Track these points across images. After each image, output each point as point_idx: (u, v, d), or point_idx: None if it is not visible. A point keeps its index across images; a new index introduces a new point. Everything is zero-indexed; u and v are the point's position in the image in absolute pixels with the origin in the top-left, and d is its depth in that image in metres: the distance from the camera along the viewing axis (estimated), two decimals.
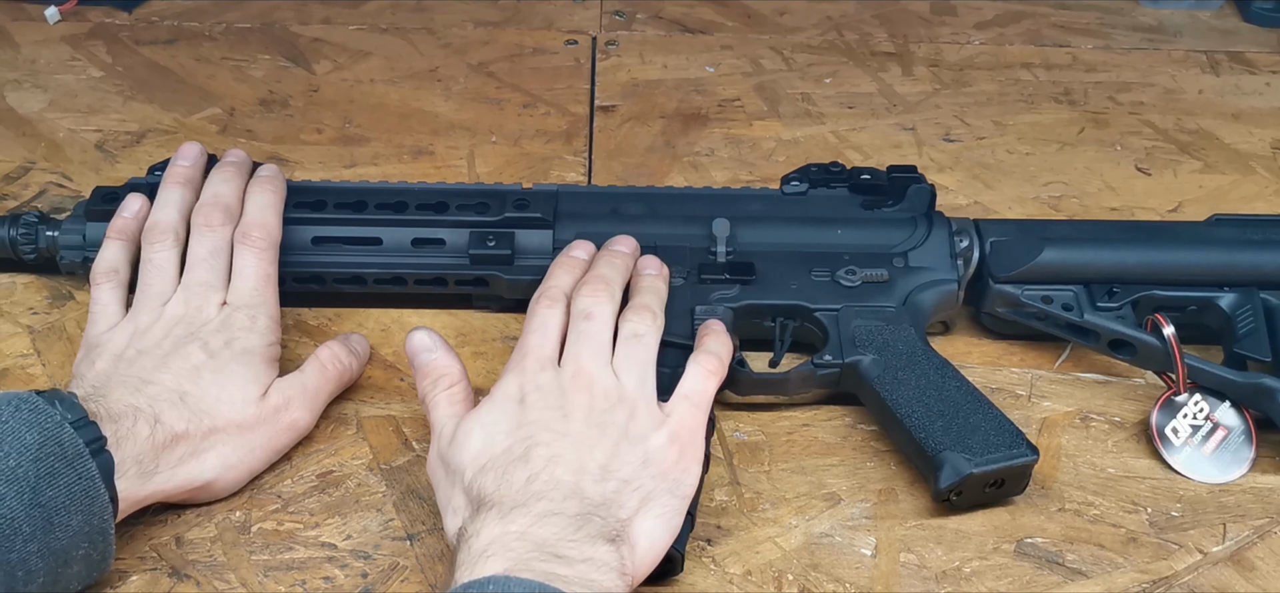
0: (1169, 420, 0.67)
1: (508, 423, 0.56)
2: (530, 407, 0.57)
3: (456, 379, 0.60)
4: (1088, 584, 0.60)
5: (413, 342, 0.62)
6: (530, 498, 0.52)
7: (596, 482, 0.54)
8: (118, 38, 1.06)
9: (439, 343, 0.62)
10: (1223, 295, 0.71)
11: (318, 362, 0.66)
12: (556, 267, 0.66)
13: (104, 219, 0.72)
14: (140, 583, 0.58)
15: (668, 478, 0.56)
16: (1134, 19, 1.15)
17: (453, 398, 0.59)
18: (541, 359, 0.59)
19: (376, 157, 0.92)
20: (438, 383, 0.60)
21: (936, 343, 0.73)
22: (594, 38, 1.09)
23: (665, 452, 0.57)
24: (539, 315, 0.61)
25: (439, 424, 0.59)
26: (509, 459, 0.54)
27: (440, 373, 0.60)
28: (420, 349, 0.61)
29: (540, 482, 0.53)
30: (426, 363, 0.61)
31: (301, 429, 0.64)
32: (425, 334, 0.62)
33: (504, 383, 0.58)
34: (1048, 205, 0.88)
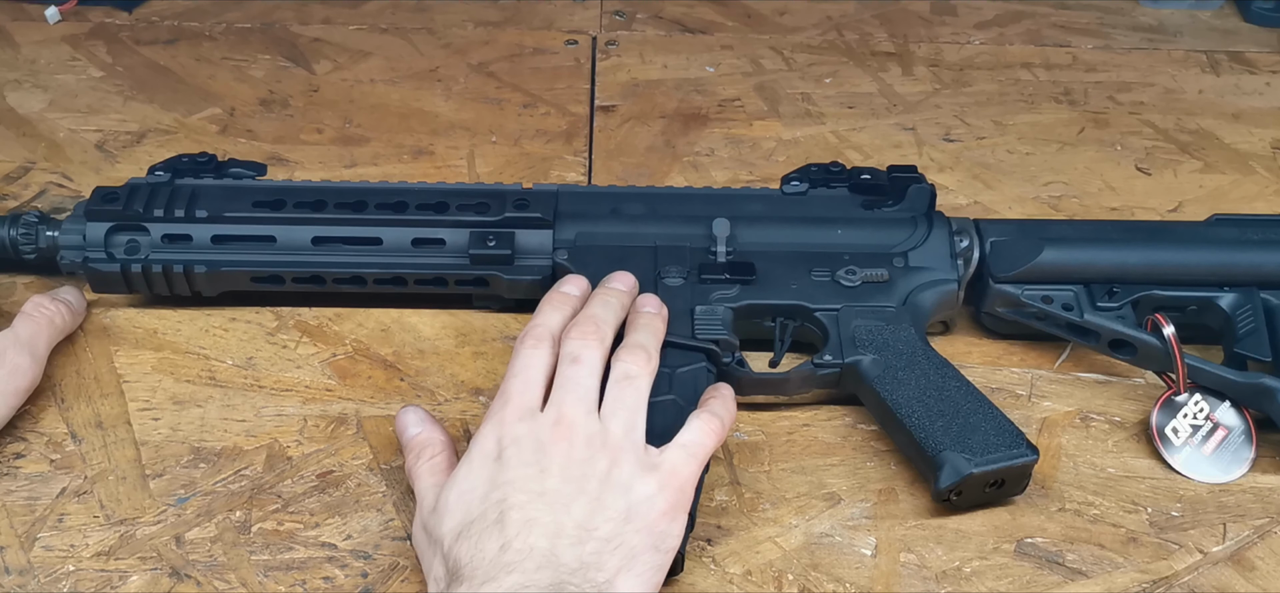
0: (1169, 420, 0.67)
1: (484, 485, 0.54)
2: (507, 464, 0.54)
3: (439, 449, 0.59)
4: (1088, 584, 0.60)
5: (401, 420, 0.62)
6: (501, 571, 0.50)
7: (573, 545, 0.52)
8: (118, 38, 1.06)
9: (425, 418, 0.61)
10: (1223, 295, 0.71)
11: (23, 313, 0.68)
12: (545, 304, 0.63)
13: (104, 219, 0.72)
14: (140, 583, 0.58)
15: (653, 532, 0.53)
16: (1134, 19, 1.15)
17: (434, 467, 0.58)
18: (521, 408, 0.56)
19: (377, 157, 0.92)
20: (421, 455, 0.59)
21: (936, 343, 0.73)
22: (594, 38, 1.08)
23: (653, 502, 0.54)
24: (522, 358, 0.59)
25: (422, 495, 0.57)
26: (483, 525, 0.52)
27: (423, 444, 0.60)
28: (407, 426, 0.61)
29: (513, 551, 0.51)
30: (412, 438, 0.60)
31: (25, 370, 0.65)
32: (413, 411, 0.62)
33: (482, 437, 0.56)
34: (1048, 205, 0.88)
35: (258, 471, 0.64)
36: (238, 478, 0.64)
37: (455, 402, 0.69)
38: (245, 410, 0.68)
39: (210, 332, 0.74)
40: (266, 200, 0.73)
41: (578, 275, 0.67)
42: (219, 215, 0.73)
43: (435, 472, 0.58)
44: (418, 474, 0.58)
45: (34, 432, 0.66)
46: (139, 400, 0.68)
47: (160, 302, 0.75)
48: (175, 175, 0.75)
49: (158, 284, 0.73)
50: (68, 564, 0.59)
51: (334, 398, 0.69)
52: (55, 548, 0.60)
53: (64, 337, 0.70)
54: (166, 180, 0.75)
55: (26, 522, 0.61)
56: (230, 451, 0.65)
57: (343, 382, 0.70)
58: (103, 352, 0.72)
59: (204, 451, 0.65)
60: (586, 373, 0.58)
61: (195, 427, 0.67)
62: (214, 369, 0.71)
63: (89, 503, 0.62)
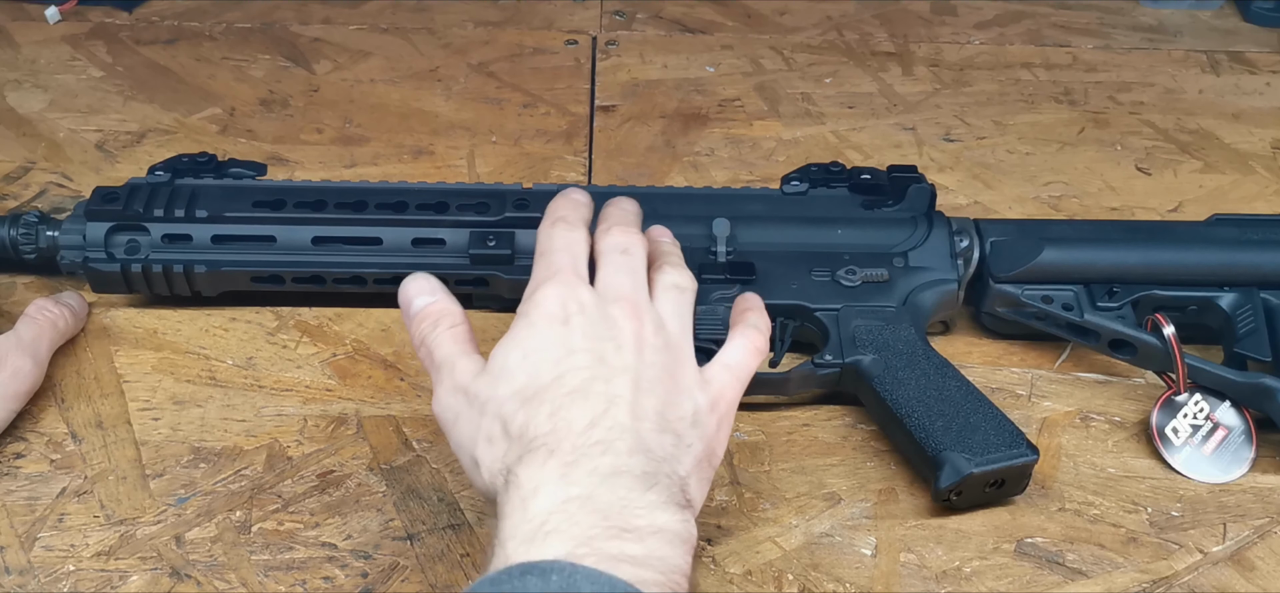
0: (1169, 420, 0.67)
1: (555, 348, 0.49)
2: (575, 329, 0.50)
3: (458, 319, 0.54)
4: (1088, 584, 0.60)
5: (408, 287, 0.56)
6: (592, 446, 0.47)
7: (655, 432, 0.48)
8: (118, 38, 1.06)
9: (437, 287, 0.56)
10: (1223, 295, 0.71)
11: (26, 316, 0.68)
12: (560, 201, 0.58)
13: (104, 219, 0.72)
14: (140, 583, 0.58)
15: (708, 444, 0.51)
16: (1134, 19, 1.15)
17: (457, 336, 0.53)
18: (579, 275, 0.52)
19: (377, 156, 0.92)
20: (439, 322, 0.54)
21: (936, 343, 0.73)
22: (594, 38, 1.09)
23: (707, 417, 0.51)
24: (560, 235, 0.54)
25: (448, 359, 0.52)
26: (563, 391, 0.48)
27: (440, 313, 0.54)
28: (416, 294, 0.55)
29: (602, 427, 0.47)
30: (424, 306, 0.55)
31: (27, 374, 0.65)
32: (422, 278, 0.56)
33: (540, 299, 0.51)
34: (1048, 205, 0.88)
35: (258, 471, 0.64)
36: (238, 478, 0.64)
37: None
38: (245, 410, 0.68)
39: (210, 332, 0.74)
40: (266, 200, 0.73)
41: (580, 188, 0.61)
42: (219, 215, 0.73)
43: (459, 340, 0.53)
44: (437, 341, 0.53)
45: (34, 432, 0.66)
46: (139, 400, 0.68)
47: (160, 302, 0.75)
48: (175, 175, 0.75)
49: (158, 284, 0.73)
50: (68, 564, 0.59)
51: (334, 398, 0.69)
52: (55, 548, 0.60)
53: (66, 341, 0.71)
54: (166, 180, 0.75)
55: (27, 522, 0.61)
56: (230, 450, 0.65)
57: (343, 382, 0.70)
58: (103, 352, 0.72)
59: (204, 450, 0.65)
60: (638, 263, 0.54)
61: (195, 427, 0.67)
62: (214, 369, 0.71)
63: (89, 503, 0.62)
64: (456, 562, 0.60)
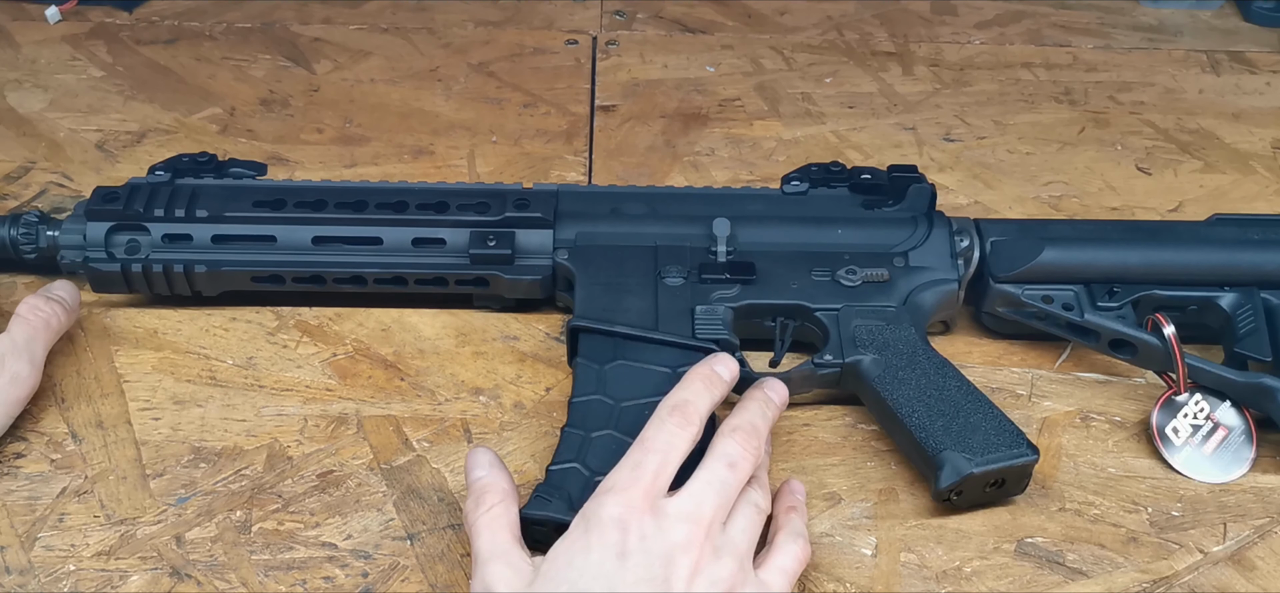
0: (1169, 420, 0.67)
1: (598, 583, 0.51)
2: (630, 567, 0.51)
3: (498, 498, 0.56)
4: (1088, 584, 0.60)
5: (469, 460, 0.59)
6: None
7: None
8: (118, 37, 1.06)
9: (493, 462, 0.58)
10: (1223, 295, 0.71)
11: (19, 317, 0.66)
12: (697, 381, 0.59)
13: (104, 219, 0.72)
14: (140, 583, 0.58)
15: None
16: (1134, 19, 1.15)
17: (493, 520, 0.55)
18: (654, 492, 0.53)
19: (377, 156, 0.92)
20: (480, 501, 0.56)
21: (937, 343, 0.73)
22: (594, 37, 1.09)
23: None
24: (667, 433, 0.56)
25: (487, 556, 0.54)
26: None
27: (483, 490, 0.56)
28: (472, 467, 0.58)
29: None
30: (473, 481, 0.58)
31: (25, 378, 0.64)
32: (481, 452, 0.59)
33: (606, 515, 0.52)
34: (1048, 205, 0.88)
35: (258, 470, 0.64)
36: (238, 478, 0.64)
37: (455, 401, 0.69)
38: (245, 410, 0.68)
39: (210, 331, 0.74)
40: (267, 200, 0.73)
41: (728, 357, 0.62)
42: (219, 215, 0.73)
43: (494, 525, 0.55)
44: (477, 528, 0.55)
45: (34, 432, 0.66)
46: (139, 400, 0.68)
47: (160, 301, 0.75)
48: (175, 175, 0.75)
49: (158, 284, 0.73)
50: (68, 564, 0.59)
51: (334, 398, 0.69)
52: (56, 548, 0.60)
53: (61, 336, 0.70)
54: (167, 180, 0.75)
55: (27, 522, 0.61)
56: (230, 450, 0.65)
57: (343, 382, 0.70)
58: (103, 352, 0.72)
59: (204, 450, 0.65)
60: (738, 481, 0.56)
61: (195, 427, 0.67)
62: (214, 369, 0.71)
63: (89, 503, 0.62)
64: (456, 562, 0.60)
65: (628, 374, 0.65)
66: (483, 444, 0.60)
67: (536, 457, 0.66)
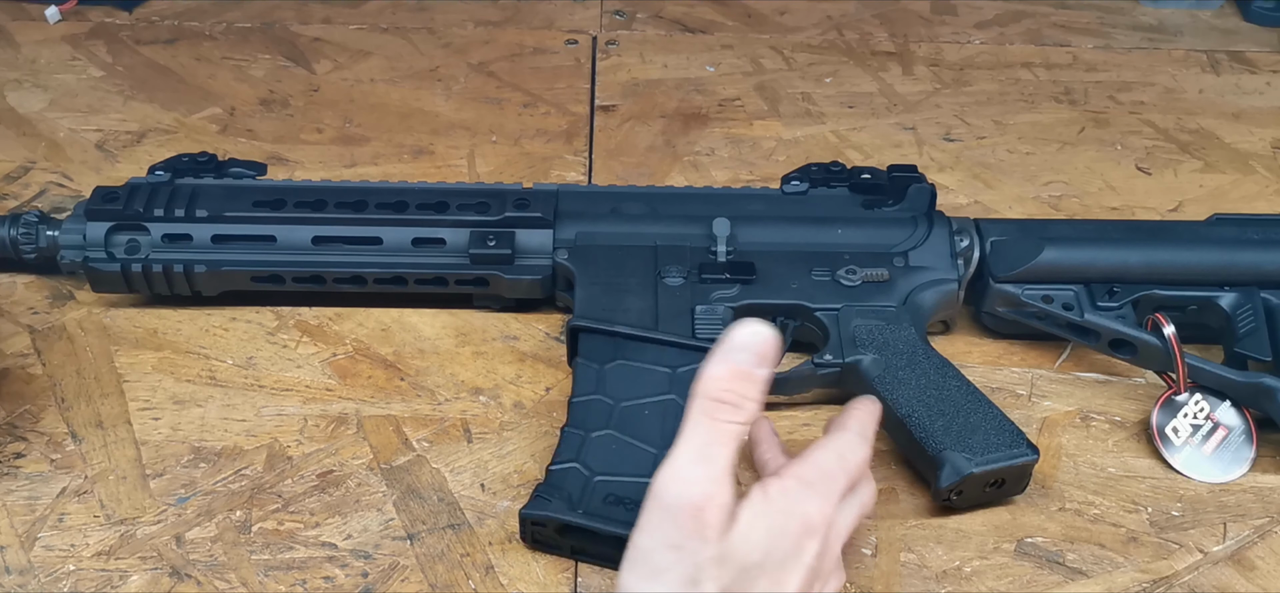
0: (1169, 420, 0.67)
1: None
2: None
3: (749, 416, 0.50)
4: (1088, 584, 0.60)
5: (746, 328, 0.50)
6: None
7: None
8: (118, 37, 1.06)
9: (766, 350, 0.50)
10: (1223, 295, 0.71)
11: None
12: (856, 434, 0.56)
13: (104, 219, 0.72)
14: (140, 583, 0.58)
15: None
16: (1134, 18, 1.15)
17: (731, 438, 0.49)
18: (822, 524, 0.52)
19: (377, 156, 0.92)
20: (725, 403, 0.49)
21: (937, 342, 0.73)
22: (594, 37, 1.08)
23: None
24: (807, 515, 0.51)
25: (709, 483, 0.48)
26: None
27: (740, 397, 0.49)
28: (749, 340, 0.50)
29: None
30: (734, 367, 0.50)
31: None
32: (756, 325, 0.50)
33: (802, 495, 0.51)
34: (1048, 205, 0.88)
35: (258, 470, 0.64)
36: (238, 478, 0.64)
37: (455, 401, 0.69)
38: (245, 410, 0.68)
39: (210, 331, 0.74)
40: (267, 200, 0.73)
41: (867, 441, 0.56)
42: (219, 215, 0.73)
43: (731, 448, 0.49)
44: (716, 432, 0.49)
45: (34, 432, 0.66)
46: (139, 400, 0.68)
47: (160, 301, 0.75)
48: (175, 175, 0.75)
49: (158, 284, 0.73)
50: (68, 564, 0.59)
51: (334, 398, 0.69)
52: (56, 548, 0.60)
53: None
54: (167, 180, 0.75)
55: (27, 521, 0.61)
56: (230, 450, 0.65)
57: (343, 381, 0.70)
58: (103, 352, 0.72)
59: (204, 450, 0.65)
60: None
61: (195, 427, 0.67)
62: (214, 369, 0.71)
63: (89, 503, 0.62)
64: (456, 562, 0.60)
65: (627, 374, 0.65)
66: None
67: (536, 457, 0.66)
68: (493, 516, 0.62)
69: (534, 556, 0.60)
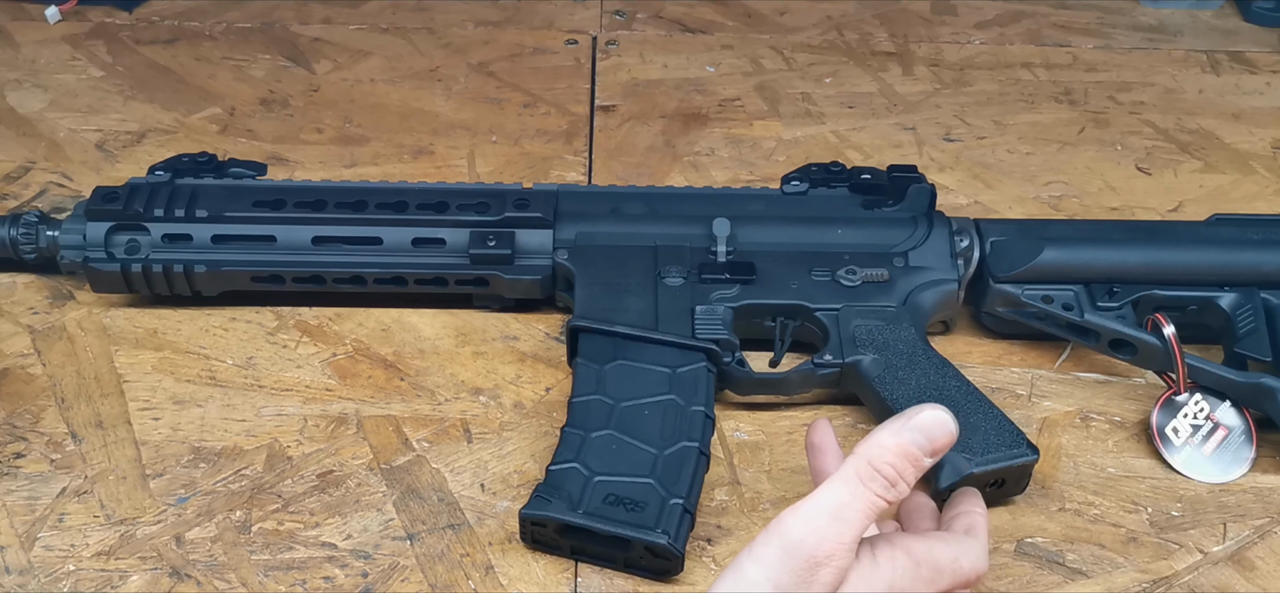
0: (1169, 420, 0.67)
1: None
2: None
3: (896, 498, 0.49)
4: (1088, 584, 0.60)
5: (941, 415, 0.50)
6: None
7: None
8: (118, 37, 1.06)
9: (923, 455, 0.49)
10: (1223, 295, 0.71)
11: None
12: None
13: (104, 219, 0.72)
14: (140, 583, 0.58)
15: None
16: (1134, 19, 1.15)
17: (874, 509, 0.48)
18: None
19: (377, 156, 0.92)
20: (882, 484, 0.49)
21: (937, 342, 0.73)
22: (594, 37, 1.08)
23: None
24: (862, 514, 0.49)
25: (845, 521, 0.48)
26: None
27: (896, 477, 0.49)
28: (942, 422, 0.50)
29: None
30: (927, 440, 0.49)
31: None
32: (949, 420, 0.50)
33: (907, 579, 0.50)
34: (1048, 205, 0.88)
35: (258, 470, 0.64)
36: (238, 478, 0.64)
37: (455, 401, 0.69)
38: (245, 410, 0.68)
39: (210, 331, 0.74)
40: (267, 200, 0.73)
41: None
42: (219, 215, 0.73)
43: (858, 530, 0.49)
44: (858, 507, 0.48)
45: (34, 432, 0.66)
46: (139, 400, 0.68)
47: (160, 301, 0.75)
48: (175, 175, 0.75)
49: (158, 284, 0.73)
50: (68, 564, 0.59)
51: (334, 398, 0.69)
52: (55, 548, 0.60)
53: None
54: (167, 180, 0.75)
55: (27, 522, 0.61)
56: (230, 450, 0.65)
57: (343, 382, 0.70)
58: (103, 352, 0.72)
59: (204, 450, 0.65)
60: None
61: (195, 427, 0.67)
62: (214, 369, 0.71)
63: (89, 503, 0.62)
64: (456, 562, 0.60)
65: (627, 374, 0.65)
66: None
67: (536, 457, 0.66)
68: (493, 516, 0.62)
69: (534, 556, 0.60)
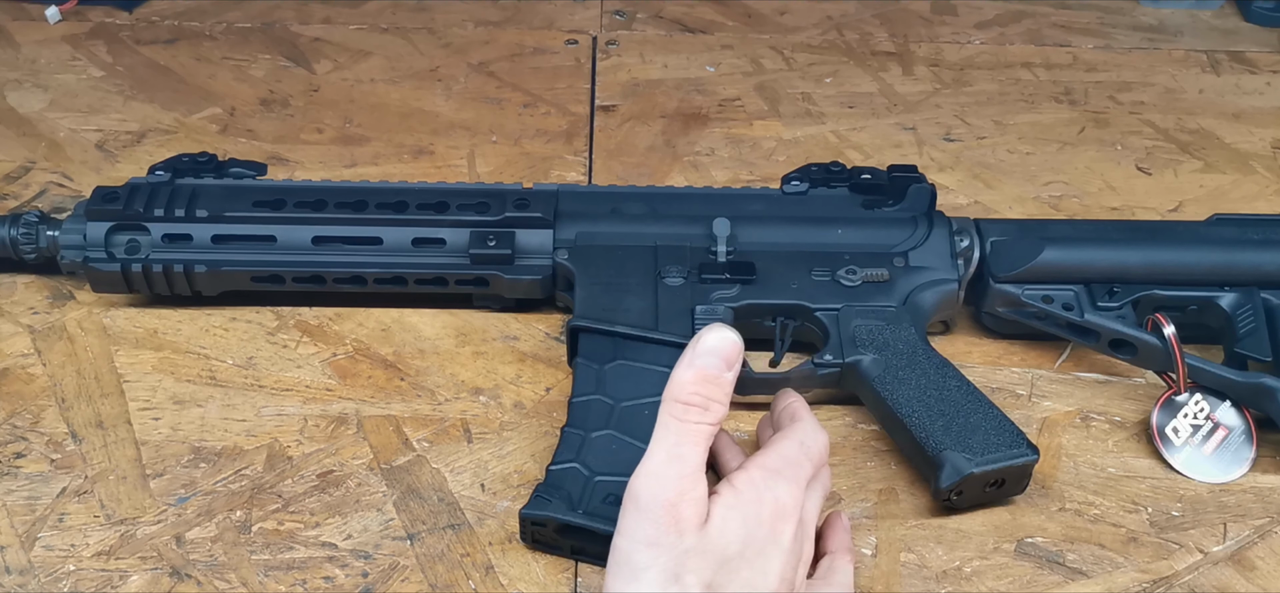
0: (1169, 420, 0.67)
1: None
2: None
3: (718, 419, 0.52)
4: (1088, 584, 0.60)
5: (713, 334, 0.52)
6: None
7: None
8: (118, 37, 1.06)
9: (730, 354, 0.52)
10: (1223, 295, 0.71)
11: None
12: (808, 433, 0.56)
13: (104, 219, 0.72)
14: (140, 583, 0.58)
15: None
16: (1134, 18, 1.15)
17: (701, 438, 0.51)
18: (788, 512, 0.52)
19: (377, 156, 0.92)
20: (693, 405, 0.51)
21: (937, 342, 0.73)
22: (594, 37, 1.08)
23: None
24: (779, 500, 0.52)
25: (682, 479, 0.50)
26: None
27: (707, 398, 0.51)
28: (716, 344, 0.52)
29: None
30: (704, 368, 0.51)
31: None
32: (722, 330, 0.52)
33: (771, 483, 0.52)
34: (1048, 205, 0.88)
35: (258, 470, 0.64)
36: (238, 478, 0.64)
37: (455, 401, 0.69)
38: (245, 410, 0.68)
39: (210, 331, 0.74)
40: (267, 200, 0.73)
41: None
42: (219, 215, 0.73)
43: (701, 446, 0.51)
44: (684, 433, 0.51)
45: (34, 432, 0.66)
46: (139, 400, 0.68)
47: (160, 301, 0.75)
48: (175, 175, 0.75)
49: (158, 284, 0.73)
50: (68, 564, 0.59)
51: (334, 398, 0.69)
52: (56, 548, 0.60)
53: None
54: (167, 180, 0.75)
55: (27, 521, 0.61)
56: (230, 450, 0.65)
57: (343, 381, 0.70)
58: (103, 352, 0.72)
59: (204, 450, 0.65)
60: None
61: (195, 427, 0.67)
62: (214, 369, 0.71)
63: (89, 503, 0.62)
64: (456, 562, 0.60)
65: (627, 374, 0.65)
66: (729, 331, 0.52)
67: (536, 457, 0.66)
68: (493, 516, 0.62)
69: (534, 556, 0.60)
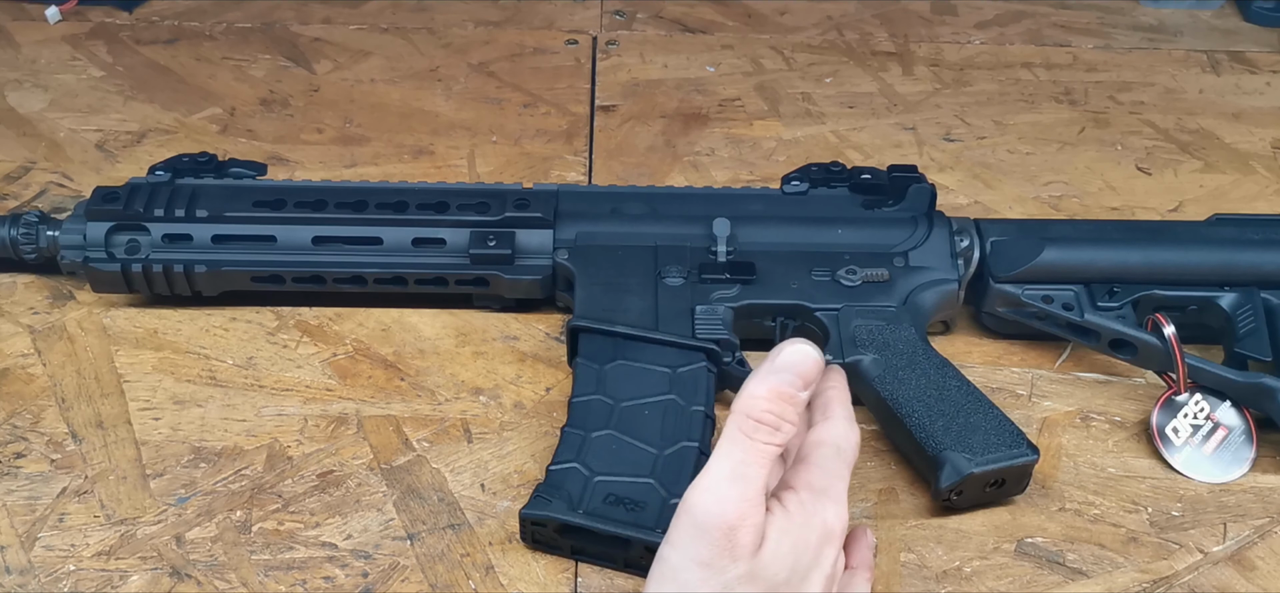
0: (1169, 420, 0.67)
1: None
2: None
3: (784, 440, 0.49)
4: (1088, 584, 0.60)
5: (798, 347, 0.50)
6: None
7: None
8: (118, 37, 1.06)
9: (808, 375, 0.50)
10: (1223, 295, 0.71)
11: None
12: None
13: (104, 219, 0.72)
14: (140, 583, 0.58)
15: None
16: (1134, 19, 1.15)
17: (766, 460, 0.49)
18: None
19: (377, 156, 0.92)
20: (763, 425, 0.49)
21: (937, 342, 0.73)
22: (594, 37, 1.09)
23: None
24: (757, 449, 0.49)
25: (744, 503, 0.48)
26: None
27: (779, 418, 0.49)
28: (798, 359, 0.49)
29: None
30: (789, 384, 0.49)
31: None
32: (806, 347, 0.50)
33: (819, 505, 0.51)
34: (1048, 205, 0.88)
35: (258, 470, 0.64)
36: (238, 478, 0.64)
37: (455, 402, 0.69)
38: (245, 410, 0.68)
39: (210, 331, 0.74)
40: (267, 200, 0.73)
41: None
42: (219, 215, 0.73)
43: (766, 468, 0.49)
44: (753, 451, 0.49)
45: (34, 432, 0.66)
46: (139, 400, 0.68)
47: (160, 301, 0.75)
48: (176, 175, 0.75)
49: (158, 284, 0.73)
50: (68, 564, 0.59)
51: (334, 398, 0.69)
52: (56, 548, 0.60)
53: None
54: (167, 180, 0.75)
55: (27, 522, 0.61)
56: (230, 450, 0.65)
57: (343, 382, 0.70)
58: (103, 352, 0.72)
59: (204, 450, 0.65)
60: None
61: (196, 427, 0.67)
62: (214, 369, 0.71)
63: (89, 503, 0.62)
64: (456, 562, 0.60)
65: (627, 374, 0.65)
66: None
67: (536, 457, 0.66)
68: (493, 516, 0.62)
69: (534, 556, 0.60)
